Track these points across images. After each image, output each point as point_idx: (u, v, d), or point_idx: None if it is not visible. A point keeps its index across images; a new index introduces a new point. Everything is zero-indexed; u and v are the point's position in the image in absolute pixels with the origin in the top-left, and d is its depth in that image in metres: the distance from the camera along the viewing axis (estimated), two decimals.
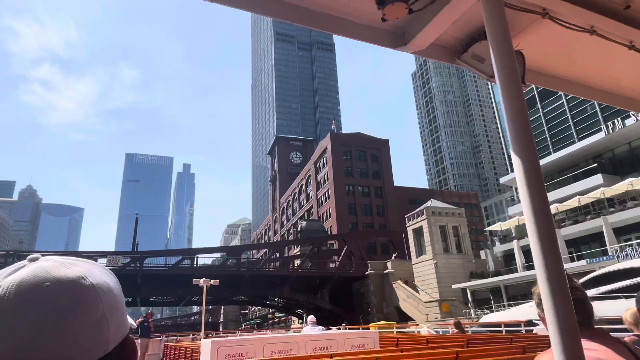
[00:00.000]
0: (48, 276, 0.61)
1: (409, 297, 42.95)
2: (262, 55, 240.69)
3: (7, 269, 0.62)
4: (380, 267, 48.19)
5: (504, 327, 18.17)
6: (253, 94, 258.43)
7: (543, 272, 1.20)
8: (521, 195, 1.32)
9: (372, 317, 46.52)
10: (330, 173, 79.36)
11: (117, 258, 38.80)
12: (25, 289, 0.58)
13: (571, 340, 1.14)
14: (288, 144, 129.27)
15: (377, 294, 46.71)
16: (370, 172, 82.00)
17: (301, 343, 7.06)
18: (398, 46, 1.98)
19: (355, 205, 78.49)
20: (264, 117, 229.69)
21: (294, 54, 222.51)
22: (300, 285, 48.91)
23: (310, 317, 10.88)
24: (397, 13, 1.64)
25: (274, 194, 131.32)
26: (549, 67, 2.31)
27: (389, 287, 46.63)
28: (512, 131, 1.37)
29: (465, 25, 2.00)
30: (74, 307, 0.60)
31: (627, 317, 3.03)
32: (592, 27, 1.92)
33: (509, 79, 1.42)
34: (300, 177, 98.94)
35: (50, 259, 0.65)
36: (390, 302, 46.05)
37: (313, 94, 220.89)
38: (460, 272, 43.17)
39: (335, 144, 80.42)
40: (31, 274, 0.60)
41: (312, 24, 1.81)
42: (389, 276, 46.82)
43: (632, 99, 2.64)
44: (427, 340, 10.39)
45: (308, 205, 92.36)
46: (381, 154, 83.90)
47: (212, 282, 24.27)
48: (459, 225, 45.38)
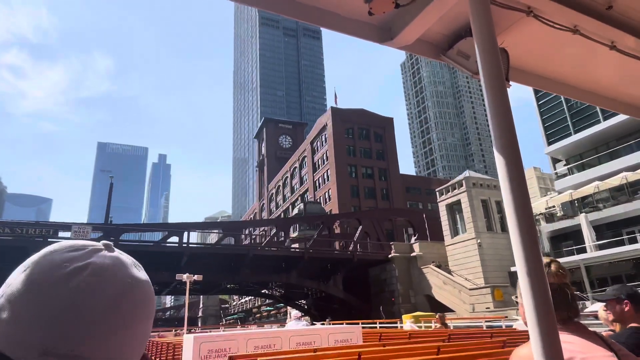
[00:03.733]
0: (133, 274, 0.61)
1: (446, 284, 35.72)
2: (246, 40, 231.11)
3: (80, 244, 0.61)
4: (405, 250, 40.84)
5: (484, 322, 19.61)
6: (235, 80, 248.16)
7: (523, 266, 1.22)
8: (503, 191, 1.32)
9: (396, 307, 39.16)
10: (331, 151, 71.57)
11: (84, 229, 30.11)
12: (117, 280, 0.58)
13: (549, 333, 1.15)
14: (277, 127, 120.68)
15: (403, 280, 39.34)
16: (374, 153, 74.65)
17: (285, 338, 6.98)
18: (384, 41, 1.95)
19: (357, 187, 71.01)
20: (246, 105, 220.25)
21: (279, 39, 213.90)
22: (308, 270, 41.09)
23: (295, 312, 10.75)
24: (383, 7, 1.61)
25: (261, 180, 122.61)
26: (532, 66, 2.30)
27: (416, 272, 39.35)
28: (495, 128, 1.38)
29: (451, 22, 1.97)
30: (150, 310, 0.61)
31: (603, 314, 2.90)
32: (575, 27, 1.92)
33: (493, 76, 1.42)
34: (294, 158, 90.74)
35: (124, 254, 0.64)
36: (418, 290, 38.77)
37: (299, 82, 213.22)
38: (506, 255, 36.26)
39: (337, 120, 72.65)
40: (118, 264, 0.60)
41: (297, 15, 1.75)
42: (417, 260, 39.53)
43: (612, 99, 2.65)
44: (409, 335, 10.56)
45: (302, 189, 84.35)
46: (385, 133, 76.69)
47: (196, 277, 23.30)
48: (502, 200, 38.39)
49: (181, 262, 33.84)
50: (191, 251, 33.32)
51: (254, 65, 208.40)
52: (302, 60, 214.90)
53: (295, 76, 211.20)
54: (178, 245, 33.85)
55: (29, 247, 28.56)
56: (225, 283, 41.62)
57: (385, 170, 74.43)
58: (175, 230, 34.60)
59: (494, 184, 38.52)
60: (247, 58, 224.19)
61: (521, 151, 1.37)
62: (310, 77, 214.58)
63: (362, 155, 73.57)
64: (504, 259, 35.90)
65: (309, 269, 40.97)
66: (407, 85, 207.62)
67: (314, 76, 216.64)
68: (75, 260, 0.57)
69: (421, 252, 39.66)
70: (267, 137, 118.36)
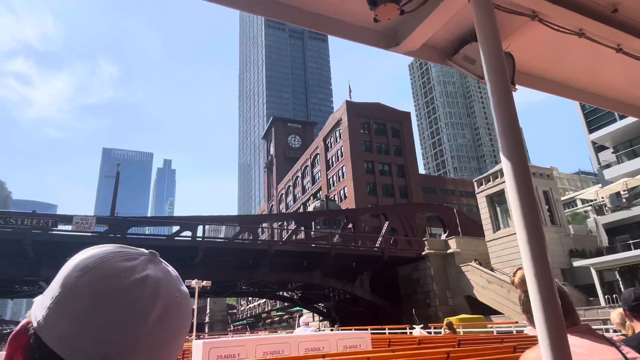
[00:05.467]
0: (180, 288, 0.62)
1: (491, 283, 31.87)
2: (252, 43, 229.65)
3: (132, 252, 0.61)
4: (440, 246, 37.03)
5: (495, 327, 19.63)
6: (241, 83, 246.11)
7: (531, 270, 1.22)
8: (510, 195, 1.32)
9: (432, 310, 35.33)
10: (346, 147, 68.00)
11: (88, 221, 26.57)
12: (169, 294, 0.59)
13: (558, 336, 1.16)
14: (286, 126, 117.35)
15: (439, 280, 35.52)
16: (391, 148, 71.01)
17: (293, 344, 6.97)
18: (390, 47, 1.97)
19: (375, 184, 67.30)
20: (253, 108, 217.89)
21: (285, 41, 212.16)
22: (333, 268, 37.37)
23: (303, 318, 10.59)
24: (389, 14, 1.61)
25: (270, 181, 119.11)
26: (538, 69, 2.30)
27: (454, 271, 35.52)
28: (501, 132, 1.37)
29: (456, 27, 1.98)
30: (189, 324, 0.63)
31: (615, 318, 3.01)
32: (580, 30, 1.92)
33: (498, 80, 1.43)
34: (305, 156, 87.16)
35: (169, 266, 0.65)
36: (457, 291, 34.91)
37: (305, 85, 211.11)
38: (557, 250, 32.46)
39: (352, 114, 69.11)
40: (169, 277, 0.61)
41: (304, 23, 1.78)
42: (454, 257, 35.71)
43: (619, 101, 2.65)
44: (419, 340, 10.40)
45: (314, 188, 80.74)
46: (403, 129, 73.07)
47: (205, 283, 22.96)
48: (550, 189, 34.66)
49: (195, 259, 30.25)
50: (207, 245, 29.61)
51: (260, 68, 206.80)
52: (308, 62, 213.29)
53: (302, 78, 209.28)
54: (192, 239, 30.20)
55: (24, 240, 25.20)
56: (242, 283, 37.93)
57: (403, 166, 70.75)
58: (187, 224, 30.99)
59: (539, 172, 34.75)
60: (253, 60, 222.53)
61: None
62: (316, 79, 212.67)
63: (379, 151, 69.98)
64: (556, 255, 32.09)
65: (333, 268, 37.22)
66: (415, 85, 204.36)
67: (320, 78, 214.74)
68: (133, 272, 0.58)
69: (458, 248, 35.84)
70: (276, 137, 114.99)
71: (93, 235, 27.84)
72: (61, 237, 27.11)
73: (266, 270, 34.57)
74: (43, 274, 28.25)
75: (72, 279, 0.56)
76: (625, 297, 2.71)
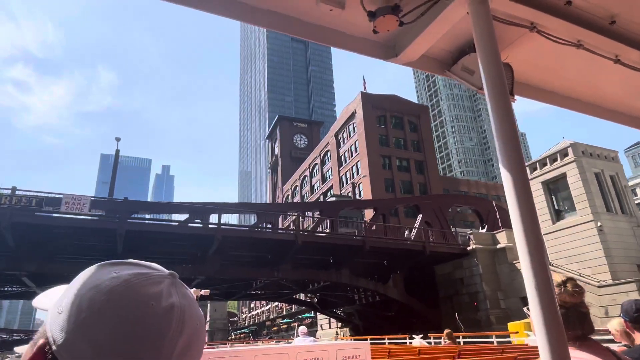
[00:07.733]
0: (200, 315, 0.62)
1: None
2: (253, 46, 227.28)
3: (153, 274, 0.60)
4: (487, 241, 32.26)
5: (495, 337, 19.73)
6: (242, 87, 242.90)
7: (531, 280, 1.21)
8: (510, 205, 1.32)
9: (482, 314, 30.46)
10: (361, 141, 63.44)
11: (80, 202, 21.73)
12: (192, 323, 0.59)
13: (559, 348, 1.15)
14: (291, 126, 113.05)
15: (489, 279, 30.69)
16: (409, 143, 66.52)
17: (292, 354, 6.67)
18: (389, 58, 1.97)
19: (393, 181, 62.65)
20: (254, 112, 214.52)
21: (287, 45, 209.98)
22: (363, 266, 32.50)
23: (302, 328, 10.15)
24: (388, 25, 1.62)
25: (274, 183, 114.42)
26: (536, 80, 2.30)
27: (505, 269, 30.76)
28: (500, 142, 1.38)
29: (455, 38, 1.97)
30: (203, 350, 0.63)
31: (616, 327, 2.89)
32: (578, 41, 1.92)
33: (497, 91, 1.43)
34: (314, 154, 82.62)
35: (188, 289, 0.65)
36: (510, 292, 30.07)
37: (307, 88, 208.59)
38: (630, 242, 27.77)
39: (367, 106, 64.67)
40: (192, 304, 0.61)
41: (303, 34, 1.79)
42: (506, 253, 30.94)
43: (618, 112, 2.63)
44: (419, 351, 10.26)
45: (325, 187, 76.00)
46: (420, 123, 68.67)
47: (203, 292, 22.63)
48: (616, 174, 30.04)
49: (208, 251, 25.39)
50: (224, 234, 24.64)
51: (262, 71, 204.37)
52: (311, 66, 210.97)
53: (304, 82, 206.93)
54: (204, 227, 25.27)
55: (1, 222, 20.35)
56: (258, 283, 32.97)
57: (422, 162, 66.22)
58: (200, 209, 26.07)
59: (604, 153, 30.18)
60: (254, 64, 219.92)
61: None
62: (318, 82, 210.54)
63: (397, 145, 65.47)
64: (630, 248, 27.39)
65: (362, 266, 32.32)
66: (420, 89, 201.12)
67: (322, 82, 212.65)
68: (160, 299, 0.57)
69: (510, 243, 31.08)
70: (281, 137, 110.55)
71: (88, 219, 23.09)
72: (51, 219, 22.23)
73: (288, 267, 29.67)
74: (25, 267, 23.36)
75: (98, 302, 0.54)
76: (626, 308, 2.62)
